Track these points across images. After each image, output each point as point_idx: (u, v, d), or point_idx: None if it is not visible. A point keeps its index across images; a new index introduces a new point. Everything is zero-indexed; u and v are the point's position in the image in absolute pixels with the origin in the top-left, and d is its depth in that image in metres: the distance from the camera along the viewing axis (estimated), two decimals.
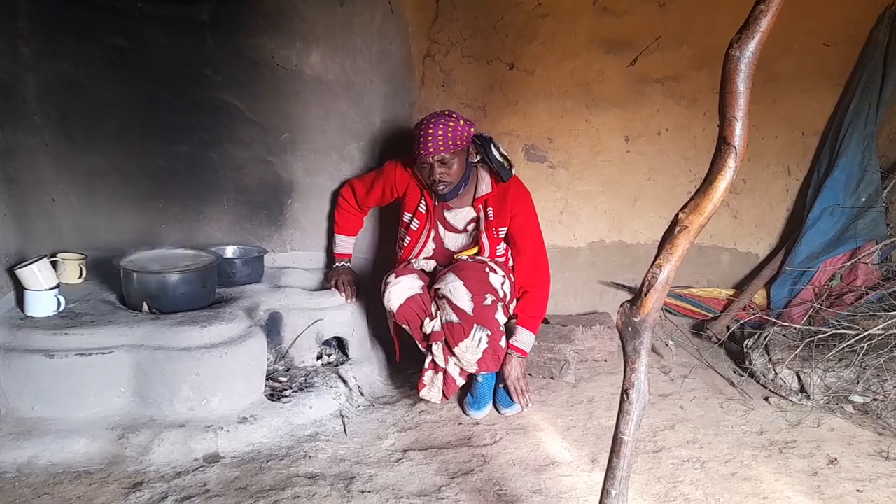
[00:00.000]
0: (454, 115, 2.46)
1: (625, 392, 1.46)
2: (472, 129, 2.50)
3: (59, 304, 2.34)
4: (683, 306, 3.52)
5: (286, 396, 2.43)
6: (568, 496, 2.00)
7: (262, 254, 2.83)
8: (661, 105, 3.34)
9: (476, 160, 2.60)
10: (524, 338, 2.55)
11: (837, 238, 3.28)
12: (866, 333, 2.66)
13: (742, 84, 1.25)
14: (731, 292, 3.52)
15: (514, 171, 2.61)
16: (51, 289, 2.32)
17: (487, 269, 2.49)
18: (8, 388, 2.13)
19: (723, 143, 1.28)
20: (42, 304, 2.30)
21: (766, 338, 3.01)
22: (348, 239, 2.92)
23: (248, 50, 2.70)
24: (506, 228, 2.63)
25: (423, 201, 2.65)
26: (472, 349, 2.37)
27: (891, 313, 2.71)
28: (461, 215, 2.67)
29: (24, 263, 2.32)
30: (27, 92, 2.54)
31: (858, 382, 2.66)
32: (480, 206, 2.61)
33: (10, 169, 2.47)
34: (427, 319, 2.46)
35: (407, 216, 2.70)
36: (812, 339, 2.81)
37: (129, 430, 2.12)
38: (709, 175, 1.31)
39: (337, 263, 2.89)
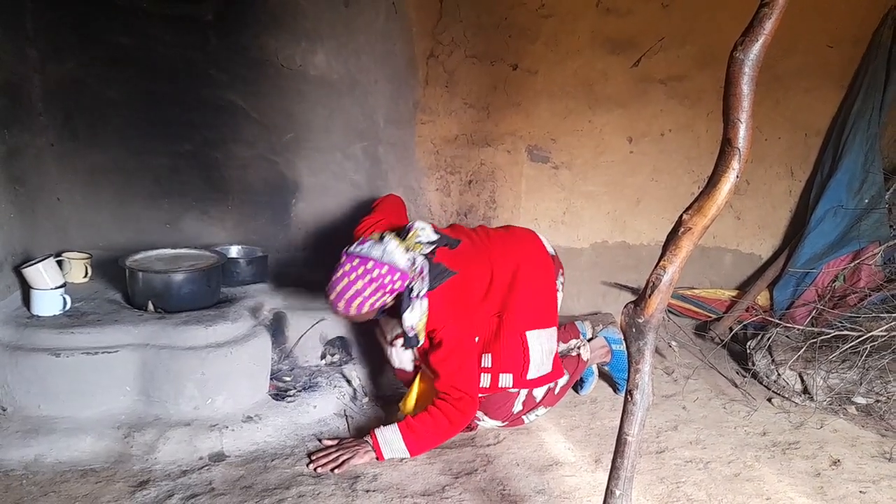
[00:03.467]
0: (372, 270, 1.98)
1: (629, 392, 1.46)
2: (404, 282, 2.03)
3: (64, 303, 2.35)
4: (686, 307, 3.52)
5: (290, 396, 2.44)
6: (571, 496, 2.01)
7: (266, 253, 2.84)
8: (664, 105, 3.34)
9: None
10: (390, 438, 2.11)
11: (840, 239, 3.28)
12: (869, 335, 2.66)
13: (746, 86, 1.25)
14: (734, 293, 3.52)
15: (420, 342, 2.12)
16: (57, 288, 2.33)
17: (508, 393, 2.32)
18: (14, 386, 2.14)
19: (727, 146, 1.29)
20: (48, 303, 2.31)
21: (769, 339, 3.01)
22: None
23: (252, 49, 2.71)
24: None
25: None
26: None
27: (894, 314, 2.71)
28: (408, 355, 2.37)
29: (30, 262, 2.34)
30: (34, 92, 2.56)
31: (861, 384, 2.66)
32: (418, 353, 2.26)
33: (16, 169, 2.48)
34: None
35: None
36: (815, 340, 2.82)
37: (135, 429, 2.13)
38: (712, 177, 1.32)
39: None
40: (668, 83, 3.31)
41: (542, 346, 2.34)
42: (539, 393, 2.41)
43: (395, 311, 2.13)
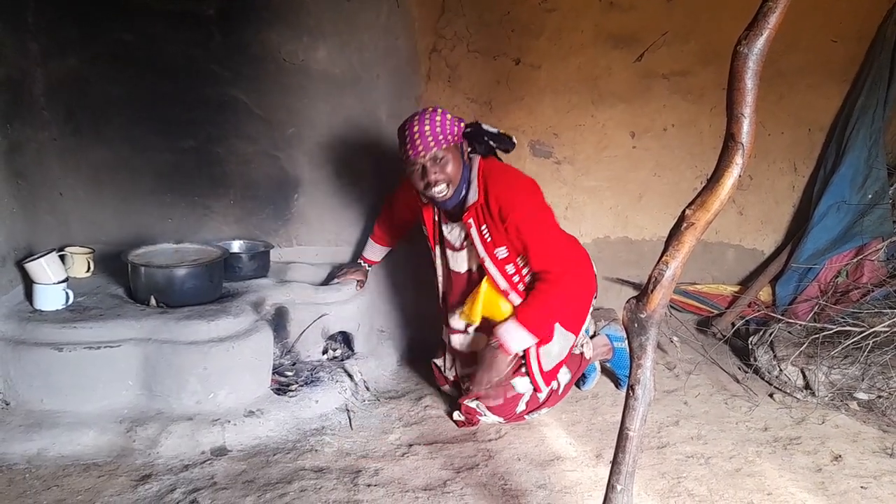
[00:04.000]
0: (439, 110, 2.17)
1: (631, 388, 1.46)
2: (462, 125, 2.21)
3: (67, 297, 2.35)
4: (688, 302, 3.52)
5: (292, 390, 2.44)
6: (573, 491, 2.01)
7: (268, 248, 2.84)
8: (667, 100, 3.33)
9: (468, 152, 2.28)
10: (512, 333, 2.23)
11: (843, 235, 3.27)
12: (872, 330, 2.66)
13: (750, 81, 1.25)
14: (736, 289, 3.51)
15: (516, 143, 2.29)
16: (59, 282, 2.33)
17: (514, 381, 2.35)
18: (17, 380, 2.15)
19: (730, 140, 1.29)
20: (51, 297, 2.32)
21: (771, 334, 3.01)
22: (378, 247, 2.81)
23: (254, 45, 2.70)
24: (504, 249, 2.26)
25: (425, 219, 2.44)
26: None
27: None
28: (455, 231, 2.37)
29: (32, 257, 2.34)
30: (35, 87, 2.56)
31: (863, 379, 2.66)
32: (472, 218, 2.26)
33: (18, 164, 2.49)
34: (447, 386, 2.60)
35: (424, 228, 2.49)
36: (817, 335, 2.81)
37: (138, 423, 2.13)
38: (716, 172, 1.31)
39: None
40: (672, 78, 3.30)
41: (560, 344, 2.38)
42: (542, 394, 2.42)
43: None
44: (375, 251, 2.85)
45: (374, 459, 2.15)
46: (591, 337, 2.69)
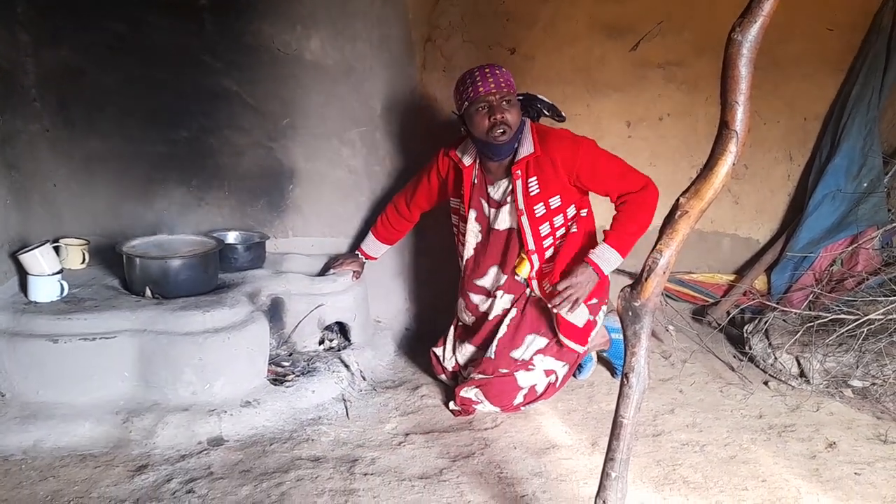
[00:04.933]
0: (499, 65, 2.35)
1: (625, 376, 1.47)
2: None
3: (62, 289, 2.35)
4: (684, 291, 3.53)
5: (289, 381, 2.45)
6: (568, 479, 2.03)
7: (263, 239, 2.83)
8: (662, 90, 3.33)
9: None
10: (604, 253, 2.35)
11: (838, 223, 3.28)
12: (866, 318, 2.68)
13: (744, 68, 1.25)
14: (731, 277, 3.52)
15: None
16: (54, 274, 2.33)
17: (518, 374, 2.40)
18: (13, 372, 2.14)
19: (724, 128, 1.29)
20: (45, 289, 2.31)
21: (766, 323, 3.02)
22: (380, 243, 2.83)
23: (247, 35, 2.68)
24: (558, 198, 2.38)
25: (464, 180, 2.48)
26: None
27: (891, 298, 2.72)
28: (502, 188, 2.45)
29: (26, 249, 2.34)
30: (27, 78, 2.53)
31: (858, 367, 2.68)
32: (520, 170, 2.35)
33: (10, 155, 2.47)
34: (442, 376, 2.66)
35: (454, 202, 2.59)
36: (812, 324, 2.83)
37: (134, 414, 2.14)
38: (710, 160, 1.32)
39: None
40: (667, 68, 3.29)
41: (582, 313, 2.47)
42: (540, 386, 2.43)
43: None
44: (375, 247, 2.85)
45: (371, 448, 2.16)
46: None
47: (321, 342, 2.76)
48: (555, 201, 2.39)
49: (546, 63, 3.20)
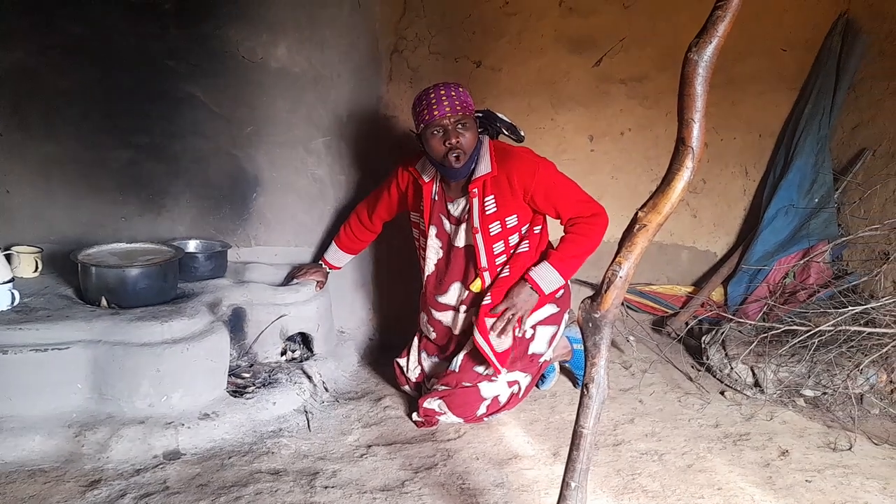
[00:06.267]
0: (457, 84, 2.32)
1: (585, 386, 1.49)
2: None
3: (13, 298, 2.27)
4: (644, 303, 3.60)
5: (249, 393, 2.41)
6: (530, 489, 2.04)
7: (225, 248, 2.79)
8: (624, 105, 3.40)
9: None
10: (545, 272, 2.35)
11: (791, 237, 3.39)
12: (817, 330, 2.76)
13: (700, 87, 1.28)
14: (690, 289, 3.60)
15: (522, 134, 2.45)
16: (5, 283, 2.25)
17: (481, 385, 2.40)
18: None
19: (681, 144, 1.32)
20: None
21: (722, 334, 3.10)
22: (343, 253, 2.82)
23: (212, 40, 2.65)
24: (515, 217, 2.37)
25: (423, 196, 2.46)
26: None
27: (841, 310, 2.81)
28: (461, 205, 2.44)
29: None
30: None
31: (809, 377, 2.76)
32: (477, 188, 2.34)
33: None
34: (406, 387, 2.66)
35: (414, 216, 2.58)
36: (766, 335, 2.90)
37: (87, 427, 2.07)
38: (667, 175, 1.35)
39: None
40: (629, 83, 3.37)
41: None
42: (503, 397, 2.44)
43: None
44: (338, 257, 2.83)
45: (332, 461, 2.14)
46: None
47: (283, 353, 2.73)
48: (511, 220, 2.39)
49: (512, 75, 3.24)
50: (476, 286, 2.45)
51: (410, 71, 3.13)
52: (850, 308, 2.77)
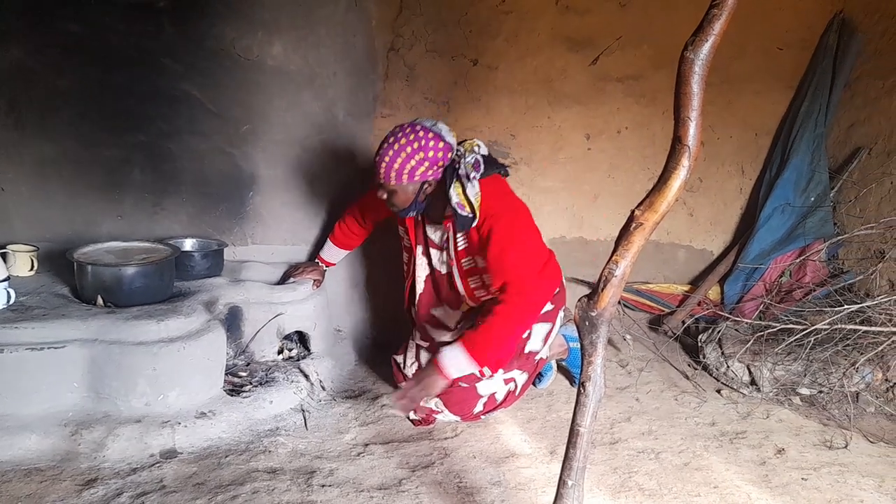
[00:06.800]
0: (420, 136, 2.10)
1: (581, 385, 1.49)
2: (447, 155, 2.16)
3: (8, 297, 2.26)
4: (641, 301, 3.60)
5: (246, 391, 2.40)
6: (527, 487, 2.04)
7: (221, 247, 2.78)
8: (621, 103, 3.40)
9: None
10: (452, 356, 2.10)
11: (787, 236, 3.39)
12: (813, 328, 2.77)
13: (696, 85, 1.29)
14: (686, 288, 3.61)
15: (475, 220, 2.16)
16: (0, 281, 2.24)
17: (478, 384, 2.35)
18: None
19: (677, 143, 1.32)
20: None
21: (719, 332, 3.10)
22: (338, 249, 2.81)
23: (208, 39, 2.65)
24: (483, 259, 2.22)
25: (407, 219, 2.40)
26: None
27: (836, 309, 2.82)
28: (438, 233, 2.39)
29: None
30: None
31: (805, 375, 2.76)
32: (449, 224, 2.27)
33: None
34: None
35: (401, 230, 2.51)
36: (762, 333, 2.91)
37: (83, 426, 2.07)
38: (663, 174, 1.35)
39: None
40: (625, 82, 3.37)
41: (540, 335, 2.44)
42: (500, 395, 2.44)
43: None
44: (334, 253, 2.83)
45: (329, 459, 2.14)
46: None
47: (280, 352, 2.73)
48: (481, 261, 2.26)
49: (509, 73, 3.24)
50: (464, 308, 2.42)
51: (407, 69, 3.12)
52: (846, 307, 2.78)
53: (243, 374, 2.52)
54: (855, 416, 2.58)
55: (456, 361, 2.11)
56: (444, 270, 2.45)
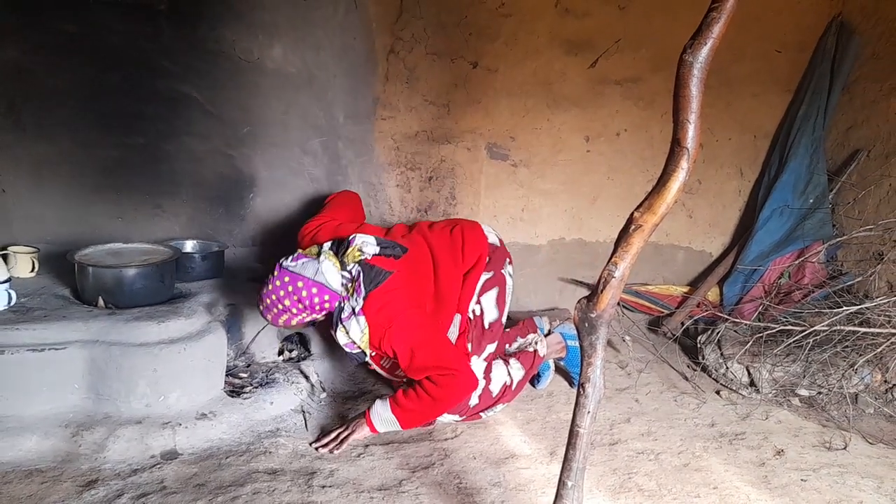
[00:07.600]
0: (300, 288, 2.04)
1: (581, 386, 1.50)
2: (334, 303, 2.09)
3: (9, 298, 2.27)
4: (640, 303, 3.61)
5: (246, 392, 2.41)
6: (526, 488, 2.04)
7: (222, 248, 2.79)
8: (619, 106, 3.41)
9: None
10: (382, 412, 2.19)
11: (786, 238, 3.40)
12: (812, 329, 2.77)
13: (695, 88, 1.29)
14: (685, 289, 3.62)
15: (367, 356, 2.17)
16: (1, 283, 2.25)
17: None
18: None
19: (676, 146, 1.33)
20: None
21: (718, 334, 3.11)
22: None
23: (207, 41, 2.66)
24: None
25: None
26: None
27: (835, 310, 2.82)
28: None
29: None
30: None
31: (804, 376, 2.77)
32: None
33: None
34: None
35: None
36: (761, 334, 2.92)
37: (84, 428, 2.07)
38: (662, 176, 1.36)
39: None
40: (624, 84, 3.38)
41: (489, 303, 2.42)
42: (496, 388, 2.44)
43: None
44: None
45: (330, 460, 2.14)
46: (546, 335, 2.74)
47: (280, 353, 2.73)
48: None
49: (509, 76, 3.25)
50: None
51: (407, 71, 3.13)
52: (845, 308, 2.79)
53: (244, 375, 2.53)
54: (854, 417, 2.59)
55: (382, 418, 2.21)
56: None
